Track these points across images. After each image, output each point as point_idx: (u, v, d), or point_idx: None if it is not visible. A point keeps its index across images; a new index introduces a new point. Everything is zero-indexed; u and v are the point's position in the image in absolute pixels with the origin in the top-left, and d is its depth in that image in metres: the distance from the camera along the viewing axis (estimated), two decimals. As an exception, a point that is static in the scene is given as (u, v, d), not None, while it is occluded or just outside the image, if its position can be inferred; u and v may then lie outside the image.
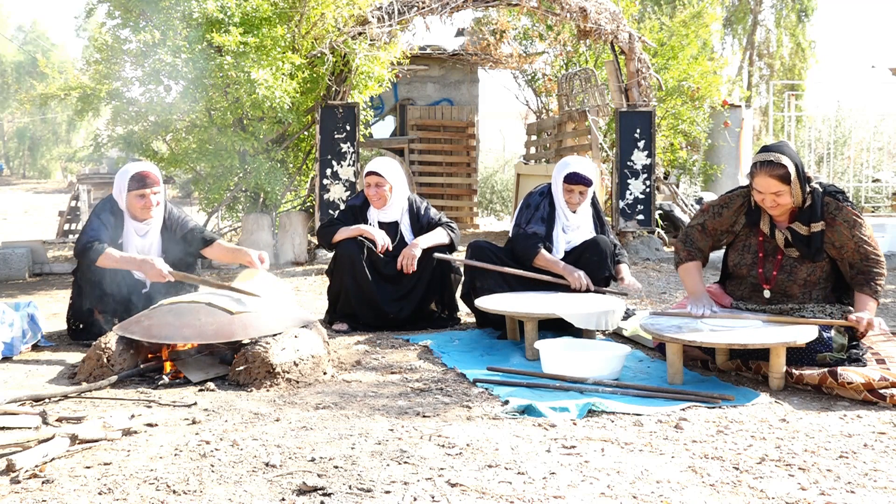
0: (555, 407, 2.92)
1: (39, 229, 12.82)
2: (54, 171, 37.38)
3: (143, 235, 4.31)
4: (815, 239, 3.47)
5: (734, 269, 3.71)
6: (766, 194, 3.44)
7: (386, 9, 7.56)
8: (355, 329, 4.58)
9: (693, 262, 3.71)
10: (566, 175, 4.34)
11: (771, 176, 3.39)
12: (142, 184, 4.20)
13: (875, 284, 3.43)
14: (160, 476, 2.29)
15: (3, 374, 3.61)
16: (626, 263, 4.48)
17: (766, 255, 3.58)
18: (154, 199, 4.23)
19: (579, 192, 4.35)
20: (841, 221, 3.45)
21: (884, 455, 2.48)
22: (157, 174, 4.28)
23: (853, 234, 3.43)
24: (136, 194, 4.21)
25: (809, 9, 21.97)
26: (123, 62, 7.89)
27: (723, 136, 12.50)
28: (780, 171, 3.38)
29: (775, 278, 3.56)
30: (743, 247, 3.65)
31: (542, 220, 4.42)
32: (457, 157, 12.52)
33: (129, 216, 4.28)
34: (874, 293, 3.43)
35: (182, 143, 8.17)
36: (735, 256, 3.69)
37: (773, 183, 3.40)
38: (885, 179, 13.75)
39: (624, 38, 8.15)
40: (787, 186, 3.40)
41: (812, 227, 3.47)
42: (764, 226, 3.58)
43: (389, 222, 4.72)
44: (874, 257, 3.45)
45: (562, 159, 4.51)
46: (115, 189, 4.29)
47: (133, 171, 4.23)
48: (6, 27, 36.58)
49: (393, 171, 4.69)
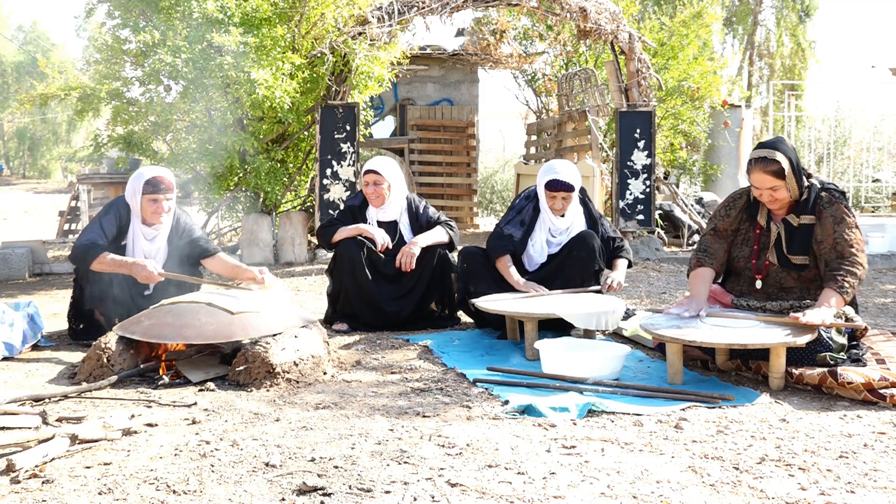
0: (555, 407, 2.92)
1: (39, 229, 12.83)
2: (54, 171, 37.40)
3: (150, 240, 4.32)
4: (801, 231, 3.49)
5: (732, 262, 3.72)
6: (762, 189, 3.48)
7: (386, 9, 7.56)
8: (355, 329, 4.58)
9: (702, 268, 3.67)
10: (546, 182, 4.32)
11: (765, 172, 3.43)
12: (156, 189, 4.22)
13: (841, 279, 3.32)
14: (160, 476, 2.29)
15: (3, 374, 3.61)
16: (626, 258, 4.42)
17: (762, 247, 3.60)
18: (166, 206, 4.26)
19: (562, 198, 4.32)
20: (828, 216, 3.46)
21: (884, 455, 2.47)
22: (171, 180, 4.30)
23: (835, 229, 3.43)
24: (150, 199, 4.23)
25: (811, 9, 21.98)
26: (123, 62, 7.90)
27: (723, 136, 12.50)
28: (774, 167, 3.42)
29: (767, 268, 3.57)
30: (742, 240, 3.68)
31: (522, 223, 4.41)
32: (457, 157, 12.51)
33: (140, 220, 4.29)
34: (839, 289, 3.31)
35: (182, 143, 8.18)
36: (734, 250, 3.71)
37: (767, 178, 3.44)
38: (885, 179, 13.76)
39: (624, 38, 8.15)
40: (783, 181, 3.44)
41: (802, 220, 3.49)
42: (761, 218, 3.61)
43: (388, 221, 4.72)
44: (849, 256, 3.38)
45: (546, 164, 4.47)
46: (129, 191, 4.29)
47: (148, 175, 4.25)
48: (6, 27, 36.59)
49: (391, 170, 4.69)
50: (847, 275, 3.35)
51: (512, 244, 4.35)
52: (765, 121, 18.56)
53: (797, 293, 3.57)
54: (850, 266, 3.37)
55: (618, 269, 4.35)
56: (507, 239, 4.36)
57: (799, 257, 3.50)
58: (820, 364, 3.28)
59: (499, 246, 4.35)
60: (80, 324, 4.27)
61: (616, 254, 4.42)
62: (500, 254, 4.32)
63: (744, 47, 22.70)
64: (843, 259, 3.40)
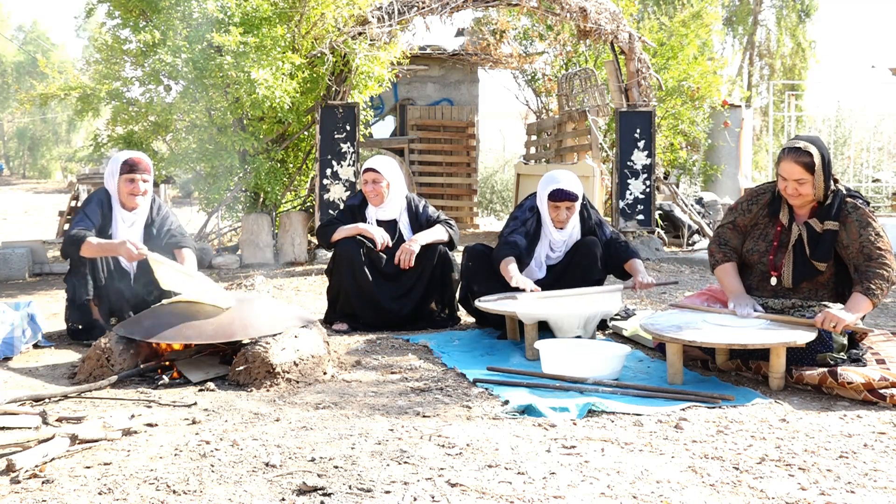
0: (555, 407, 2.92)
1: (39, 229, 12.82)
2: (54, 171, 37.39)
3: (130, 225, 4.42)
4: (825, 237, 3.48)
5: (746, 255, 3.70)
6: (789, 181, 3.47)
7: (386, 9, 7.55)
8: (355, 329, 4.58)
9: (729, 263, 3.70)
10: (551, 192, 4.26)
11: (796, 162, 3.43)
12: (133, 168, 4.34)
13: (869, 283, 3.36)
14: (160, 476, 2.29)
15: (3, 374, 3.60)
16: (639, 257, 4.36)
17: (780, 245, 3.59)
18: (142, 186, 4.37)
19: (566, 208, 4.28)
20: (853, 220, 3.46)
21: (884, 455, 2.48)
22: (148, 162, 4.42)
23: (860, 233, 3.44)
24: (126, 178, 4.35)
25: (811, 9, 21.98)
26: (123, 62, 7.90)
27: (723, 136, 12.50)
28: (805, 159, 3.42)
29: (783, 267, 3.57)
30: (760, 234, 3.67)
31: (527, 234, 4.37)
32: (457, 157, 12.51)
33: (119, 204, 4.39)
34: (866, 291, 3.35)
35: (182, 143, 8.18)
36: (749, 243, 3.69)
37: (797, 169, 3.43)
38: (885, 179, 13.76)
39: (624, 38, 8.15)
40: (811, 176, 3.43)
41: (826, 226, 3.49)
42: (783, 217, 3.60)
43: (388, 220, 4.72)
44: (878, 258, 3.40)
45: (547, 174, 4.40)
46: (107, 173, 4.46)
47: (125, 157, 4.40)
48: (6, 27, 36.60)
49: (390, 168, 4.69)
50: (875, 277, 3.38)
51: (518, 249, 4.31)
52: (765, 121, 18.56)
53: (805, 293, 3.57)
54: (878, 268, 3.39)
55: (638, 268, 4.27)
56: (513, 245, 4.32)
57: (822, 263, 3.50)
58: (820, 364, 3.28)
59: (504, 251, 4.30)
60: (78, 324, 4.27)
61: (627, 256, 4.36)
62: (503, 256, 4.28)
63: (744, 47, 22.70)
64: (871, 261, 3.41)
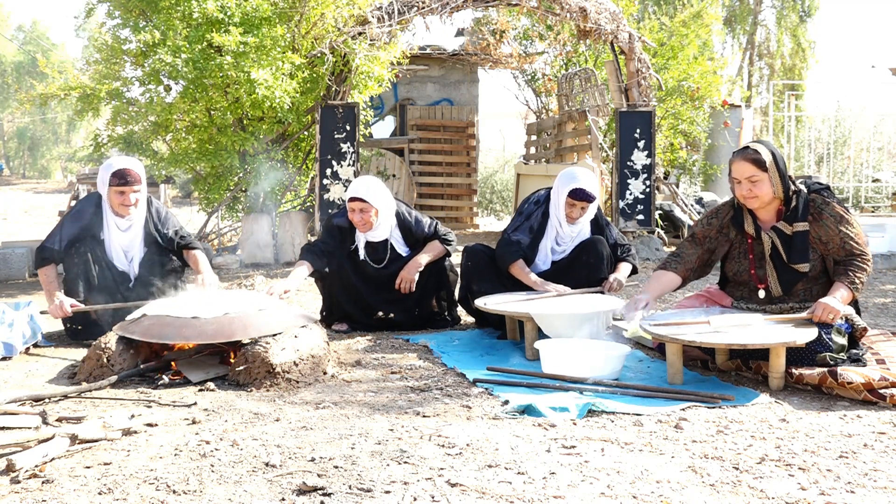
0: (555, 407, 2.92)
1: (39, 229, 12.81)
2: (54, 171, 37.41)
3: (125, 230, 4.36)
4: (797, 239, 3.48)
5: (735, 278, 3.71)
6: (742, 181, 3.48)
7: (386, 9, 7.56)
8: (355, 329, 4.57)
9: (663, 271, 3.75)
10: (571, 190, 4.24)
11: (745, 160, 3.47)
12: (122, 181, 4.23)
13: (851, 274, 3.41)
14: (160, 476, 2.29)
15: (3, 374, 3.61)
16: (631, 263, 4.41)
17: (756, 256, 3.59)
18: (133, 198, 4.28)
19: (581, 208, 4.28)
20: (827, 216, 3.47)
21: (884, 455, 2.47)
22: (138, 172, 4.29)
23: (839, 229, 3.45)
24: (116, 191, 4.26)
25: (811, 9, 21.98)
26: (123, 62, 7.90)
27: (723, 136, 12.49)
28: (755, 156, 3.46)
29: (768, 278, 3.57)
30: (738, 253, 3.67)
31: (531, 230, 4.36)
32: (457, 157, 12.51)
33: (112, 211, 4.33)
34: (850, 283, 3.39)
35: (182, 143, 8.18)
36: (733, 265, 3.69)
37: (748, 167, 3.45)
38: (885, 179, 13.75)
39: (624, 38, 8.15)
40: (764, 173, 3.44)
41: (795, 227, 3.49)
42: (748, 227, 3.59)
43: (378, 242, 4.60)
44: (860, 253, 3.46)
45: (568, 169, 4.39)
46: (99, 181, 4.35)
47: (115, 167, 4.26)
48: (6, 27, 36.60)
49: (376, 195, 4.45)
50: (857, 270, 3.42)
51: (522, 250, 4.30)
52: (765, 121, 18.56)
53: (801, 295, 3.56)
54: (860, 262, 3.44)
55: (620, 270, 4.34)
56: (517, 245, 4.31)
57: (802, 265, 3.50)
58: (820, 364, 3.28)
59: (509, 252, 4.28)
60: (77, 324, 4.26)
61: (622, 258, 4.40)
62: (513, 259, 4.26)
63: (744, 47, 22.70)
64: (854, 256, 3.45)
